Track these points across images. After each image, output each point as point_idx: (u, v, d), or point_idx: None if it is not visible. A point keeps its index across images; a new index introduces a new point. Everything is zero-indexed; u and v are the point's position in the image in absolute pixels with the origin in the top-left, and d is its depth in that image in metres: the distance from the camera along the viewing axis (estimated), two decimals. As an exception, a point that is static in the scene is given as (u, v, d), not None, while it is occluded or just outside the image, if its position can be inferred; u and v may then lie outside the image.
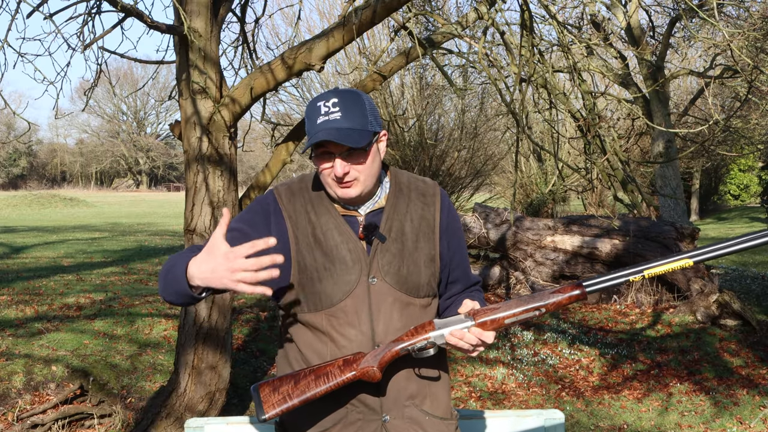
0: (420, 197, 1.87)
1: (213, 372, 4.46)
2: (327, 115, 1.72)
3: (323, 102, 1.74)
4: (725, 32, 4.88)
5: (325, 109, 1.72)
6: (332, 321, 1.78)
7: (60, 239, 15.04)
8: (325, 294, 1.77)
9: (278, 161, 4.57)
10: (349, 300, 1.77)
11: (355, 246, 1.79)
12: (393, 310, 1.79)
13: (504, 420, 2.36)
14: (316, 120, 1.73)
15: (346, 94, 1.75)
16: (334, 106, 1.72)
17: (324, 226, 1.80)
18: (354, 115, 1.73)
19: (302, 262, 1.78)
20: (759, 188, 25.30)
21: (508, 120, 13.86)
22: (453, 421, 1.89)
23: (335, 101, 1.73)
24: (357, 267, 1.78)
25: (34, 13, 3.69)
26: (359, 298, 1.77)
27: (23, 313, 6.67)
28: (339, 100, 1.73)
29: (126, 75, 50.48)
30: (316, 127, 1.72)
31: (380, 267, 1.79)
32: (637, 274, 1.70)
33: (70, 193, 41.72)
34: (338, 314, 1.77)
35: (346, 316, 1.77)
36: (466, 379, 6.36)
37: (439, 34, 4.73)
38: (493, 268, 8.98)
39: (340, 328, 1.77)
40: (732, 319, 7.63)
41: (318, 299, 1.78)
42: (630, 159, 6.35)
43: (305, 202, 1.83)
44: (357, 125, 1.72)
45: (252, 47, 5.11)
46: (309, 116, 1.75)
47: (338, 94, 1.75)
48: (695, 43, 13.49)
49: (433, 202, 1.88)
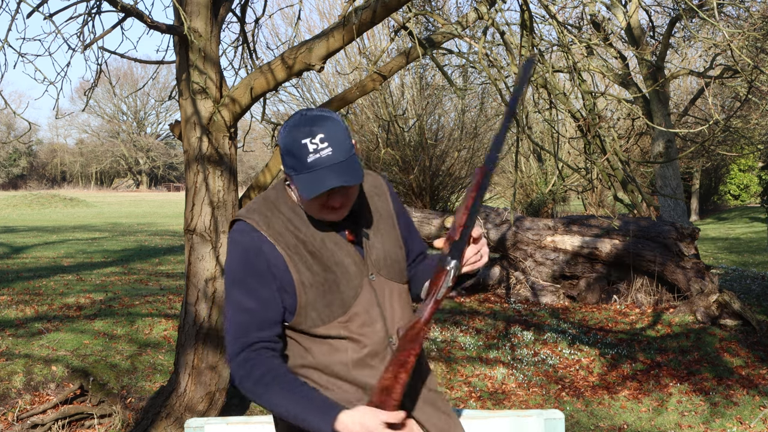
0: (374, 189, 1.94)
1: (213, 372, 4.46)
2: (318, 153, 1.67)
3: (309, 139, 1.68)
4: (725, 32, 4.88)
5: (313, 146, 1.68)
6: (348, 326, 1.80)
7: (60, 239, 15.05)
8: (336, 303, 1.79)
9: (278, 161, 4.57)
10: (359, 302, 1.81)
11: (349, 249, 1.83)
12: (393, 300, 1.87)
13: (504, 420, 2.36)
14: (306, 158, 1.68)
15: (327, 124, 1.70)
16: (322, 142, 1.68)
17: (313, 238, 1.80)
18: (342, 144, 1.70)
19: (306, 281, 1.78)
20: (759, 188, 25.27)
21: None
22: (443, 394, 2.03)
23: (322, 137, 1.68)
24: (357, 268, 1.82)
25: (34, 13, 3.69)
26: (367, 297, 1.82)
27: (23, 313, 6.67)
28: (325, 134, 1.68)
29: (126, 75, 50.50)
30: (307, 166, 1.68)
31: (374, 263, 1.85)
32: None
33: (70, 193, 41.72)
34: (353, 318, 1.80)
35: (360, 318, 1.81)
36: (466, 379, 6.36)
37: (439, 34, 4.73)
38: (493, 268, 8.98)
39: (358, 329, 1.81)
40: (732, 319, 7.63)
41: (329, 311, 1.79)
42: (630, 159, 6.35)
43: (284, 221, 1.81)
44: (347, 154, 1.70)
45: (252, 47, 5.11)
46: (294, 153, 1.69)
47: (321, 127, 1.69)
48: (695, 43, 13.49)
49: (384, 191, 1.95)
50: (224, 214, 4.36)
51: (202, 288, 4.38)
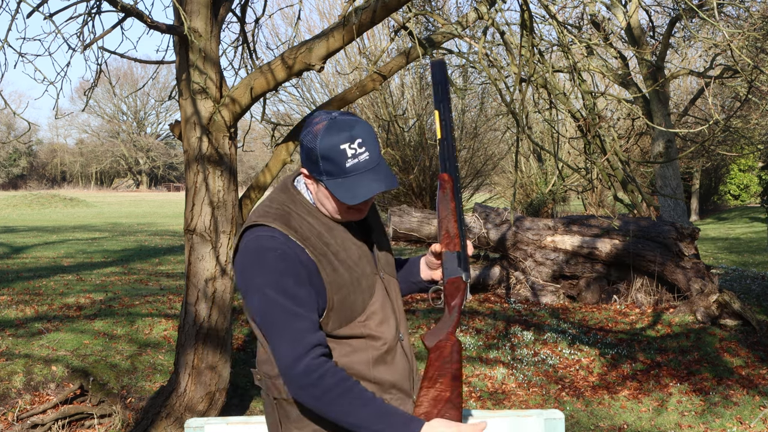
0: None
1: (213, 372, 4.46)
2: (356, 158, 1.69)
3: (348, 144, 1.69)
4: (725, 32, 4.88)
5: (351, 151, 1.69)
6: (367, 324, 1.83)
7: (60, 239, 15.05)
8: (357, 303, 1.82)
9: (278, 161, 4.57)
10: (374, 300, 1.85)
11: (363, 249, 1.87)
12: (397, 296, 1.95)
13: (504, 420, 2.36)
14: (345, 163, 1.69)
15: (363, 128, 1.72)
16: (360, 147, 1.70)
17: (335, 240, 1.81)
18: (375, 147, 1.73)
19: (335, 283, 1.78)
20: (759, 188, 25.26)
21: (508, 120, 13.86)
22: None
23: (360, 141, 1.70)
24: (370, 268, 1.87)
25: (34, 13, 3.69)
26: (380, 295, 1.87)
27: (23, 313, 6.67)
28: (363, 139, 1.70)
29: (126, 75, 50.49)
30: (346, 171, 1.69)
31: (380, 261, 1.91)
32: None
33: (70, 193, 41.71)
34: (371, 317, 1.84)
35: (377, 315, 1.85)
36: (466, 379, 6.36)
37: (439, 34, 4.73)
38: (493, 268, 8.98)
39: (376, 327, 1.84)
40: (732, 319, 7.63)
41: (351, 311, 1.81)
42: (630, 159, 6.35)
43: (308, 225, 1.80)
44: (379, 157, 1.74)
45: (252, 47, 5.11)
46: (332, 158, 1.69)
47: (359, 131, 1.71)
48: (695, 43, 13.49)
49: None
50: (224, 214, 4.36)
51: (202, 288, 4.38)
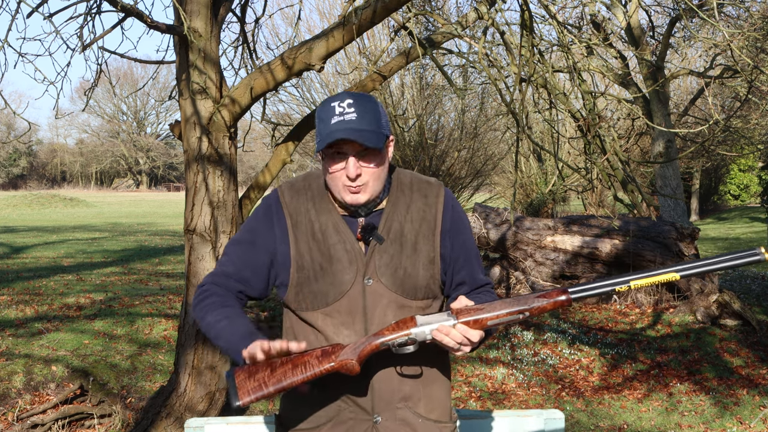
0: (422, 198, 1.85)
1: (213, 372, 4.46)
2: (342, 116, 1.71)
3: (338, 102, 1.73)
4: (725, 32, 4.88)
5: (339, 109, 1.72)
6: (327, 320, 1.78)
7: (60, 239, 15.05)
8: (321, 293, 1.78)
9: (278, 161, 4.57)
10: (344, 300, 1.77)
11: (352, 246, 1.79)
12: (388, 312, 1.78)
13: (504, 420, 2.36)
14: (330, 120, 1.72)
15: (360, 96, 1.75)
16: (349, 107, 1.72)
17: (323, 224, 1.80)
18: (369, 116, 1.72)
19: (300, 261, 1.79)
20: (759, 188, 25.28)
21: (508, 120, 13.86)
22: (449, 424, 1.86)
23: (350, 102, 1.72)
24: (353, 267, 1.78)
25: (34, 13, 3.68)
26: (354, 299, 1.77)
27: (23, 313, 6.67)
28: (354, 101, 1.73)
29: (126, 75, 50.47)
30: (329, 127, 1.71)
31: (377, 268, 1.78)
32: (623, 284, 1.69)
33: (70, 193, 41.71)
34: (333, 314, 1.78)
35: (341, 316, 1.78)
36: (466, 379, 6.36)
37: (439, 34, 4.73)
38: (493, 268, 8.98)
39: (335, 327, 1.78)
40: (732, 319, 7.63)
41: (314, 298, 1.79)
42: (630, 159, 6.35)
43: (307, 200, 1.83)
44: (372, 127, 1.72)
45: (252, 47, 5.10)
46: (322, 117, 1.74)
47: (352, 96, 1.74)
48: (695, 43, 13.49)
49: (436, 202, 1.85)
50: (224, 214, 4.36)
51: (202, 288, 4.37)
